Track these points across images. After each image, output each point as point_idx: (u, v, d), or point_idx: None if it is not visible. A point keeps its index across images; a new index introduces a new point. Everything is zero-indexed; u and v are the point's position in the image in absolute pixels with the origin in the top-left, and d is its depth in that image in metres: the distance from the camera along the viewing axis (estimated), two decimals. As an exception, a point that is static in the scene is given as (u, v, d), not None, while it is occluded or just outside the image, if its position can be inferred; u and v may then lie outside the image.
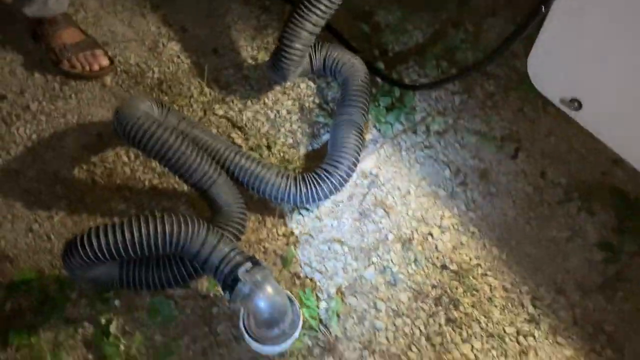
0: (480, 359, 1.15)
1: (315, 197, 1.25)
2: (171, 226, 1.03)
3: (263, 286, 1.03)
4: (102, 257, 1.00)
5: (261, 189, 1.25)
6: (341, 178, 1.25)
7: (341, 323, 1.17)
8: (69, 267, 1.04)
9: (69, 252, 1.01)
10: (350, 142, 1.28)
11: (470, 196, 1.33)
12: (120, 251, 1.00)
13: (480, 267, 1.24)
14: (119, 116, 1.14)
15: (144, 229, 1.01)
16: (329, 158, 1.28)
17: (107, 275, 1.12)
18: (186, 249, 1.05)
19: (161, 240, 1.02)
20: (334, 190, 1.26)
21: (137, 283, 1.13)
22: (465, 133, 1.41)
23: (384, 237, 1.27)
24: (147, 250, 1.03)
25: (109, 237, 1.00)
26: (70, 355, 1.13)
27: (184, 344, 1.14)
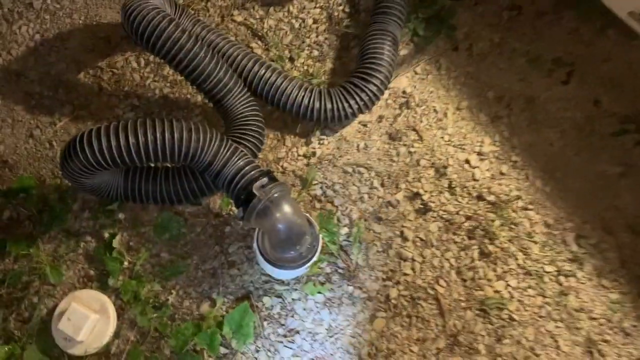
0: (516, 297, 1.04)
1: (342, 114, 1.12)
2: (181, 132, 0.92)
3: (280, 203, 0.93)
4: (103, 162, 0.90)
5: (282, 103, 1.12)
6: (372, 94, 1.12)
7: (363, 250, 1.07)
8: (67, 173, 0.94)
9: (68, 155, 0.91)
10: (384, 54, 1.14)
11: (514, 122, 1.19)
12: (124, 157, 0.90)
13: (520, 200, 1.12)
14: (127, 9, 1.01)
15: (150, 133, 0.90)
16: (358, 71, 1.14)
17: (111, 186, 1.02)
18: (197, 159, 0.94)
19: (169, 147, 0.91)
20: (363, 108, 1.13)
21: (143, 196, 1.04)
22: (513, 53, 1.25)
23: (415, 162, 1.14)
24: (154, 158, 0.92)
25: (112, 139, 0.89)
26: (71, 269, 1.06)
27: (193, 263, 1.05)
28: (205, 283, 1.04)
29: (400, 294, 1.04)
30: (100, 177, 0.98)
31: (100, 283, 1.04)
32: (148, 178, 1.03)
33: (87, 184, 0.99)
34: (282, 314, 1.02)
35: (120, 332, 1.01)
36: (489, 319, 1.03)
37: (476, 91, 1.22)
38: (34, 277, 1.04)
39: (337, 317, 1.02)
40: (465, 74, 1.23)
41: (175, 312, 1.02)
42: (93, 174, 0.94)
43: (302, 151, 1.15)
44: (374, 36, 1.16)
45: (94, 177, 0.97)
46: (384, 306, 1.03)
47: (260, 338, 1.00)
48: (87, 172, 0.92)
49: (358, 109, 1.12)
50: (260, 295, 1.03)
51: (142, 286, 1.02)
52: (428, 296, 1.04)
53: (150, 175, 1.03)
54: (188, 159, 0.94)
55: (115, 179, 1.02)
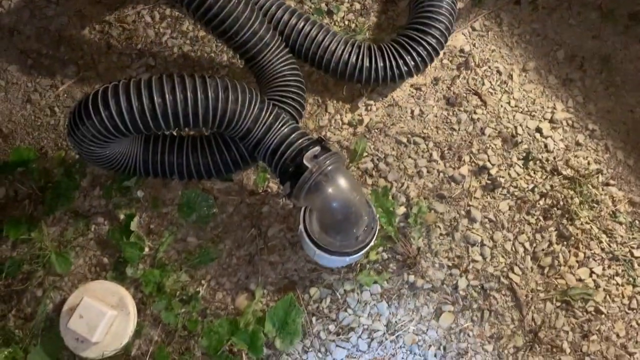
0: (602, 286, 0.90)
1: (395, 73, 0.96)
2: (216, 91, 0.75)
3: (335, 177, 0.77)
4: (122, 128, 0.73)
5: (324, 61, 0.95)
6: (431, 48, 0.96)
7: (425, 233, 0.91)
8: (77, 141, 0.77)
9: (78, 118, 0.74)
10: (442, 2, 0.97)
11: (589, 86, 1.04)
12: (147, 121, 0.73)
13: (601, 175, 0.97)
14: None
15: (179, 91, 0.73)
16: (414, 22, 0.98)
17: (128, 158, 0.85)
18: (235, 125, 0.78)
19: (203, 109, 0.75)
20: (421, 65, 0.96)
21: (167, 170, 0.87)
22: (583, 8, 1.09)
23: (479, 131, 0.99)
24: (184, 122, 0.75)
25: (133, 99, 0.72)
26: (81, 257, 0.90)
27: (226, 249, 0.89)
28: (240, 272, 0.88)
29: (470, 284, 0.89)
30: (115, 147, 0.82)
31: (117, 273, 0.88)
32: (172, 148, 0.86)
33: (100, 155, 0.82)
34: (333, 308, 0.87)
35: (142, 330, 0.85)
36: (573, 312, 0.89)
37: (544, 50, 1.06)
38: (36, 266, 0.88)
39: (398, 312, 0.87)
40: (530, 31, 1.07)
41: (207, 307, 0.86)
42: (108, 143, 0.78)
43: (347, 118, 0.99)
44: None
45: (108, 147, 0.80)
46: (451, 298, 0.88)
47: (309, 336, 0.85)
48: (101, 140, 0.76)
49: (415, 66, 0.96)
50: (307, 286, 0.88)
51: (166, 276, 0.86)
52: (501, 286, 0.89)
53: (175, 144, 0.86)
54: (224, 124, 0.77)
55: (133, 149, 0.85)
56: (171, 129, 0.76)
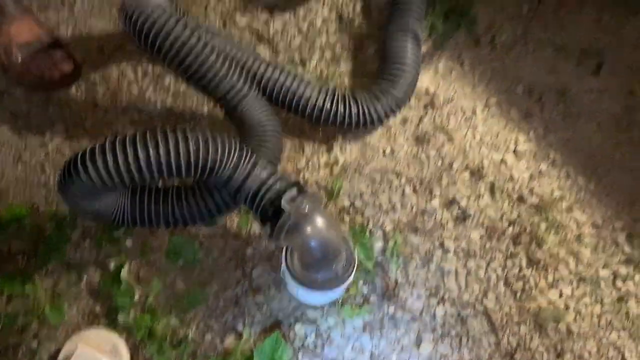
0: (572, 307, 0.95)
1: (367, 119, 1.02)
2: (197, 143, 0.81)
3: (313, 217, 0.82)
4: (109, 180, 0.78)
5: (300, 108, 1.02)
6: (400, 96, 1.03)
7: (402, 266, 0.96)
8: (67, 196, 0.82)
9: (68, 173, 0.79)
10: (408, 53, 1.05)
11: (548, 117, 1.11)
12: (133, 174, 0.78)
13: (564, 200, 1.03)
14: (128, 8, 0.90)
15: (162, 145, 0.78)
16: (383, 73, 1.05)
17: (116, 209, 0.90)
18: (216, 173, 0.83)
19: (185, 160, 0.80)
20: (392, 111, 1.03)
21: (153, 219, 0.92)
22: (538, 45, 1.17)
23: (448, 165, 1.05)
24: (167, 173, 0.80)
25: (119, 154, 0.77)
26: (74, 307, 0.93)
27: (213, 291, 0.94)
28: (228, 313, 0.92)
29: (447, 312, 0.94)
30: (104, 200, 0.87)
31: (109, 320, 0.91)
32: (158, 198, 0.91)
33: (89, 209, 0.87)
34: (318, 343, 0.91)
35: (136, 375, 0.89)
36: (546, 333, 0.93)
37: (504, 86, 1.14)
38: (31, 319, 0.91)
39: (380, 343, 0.91)
40: (490, 69, 1.15)
41: (197, 348, 0.90)
42: (97, 196, 0.82)
43: (324, 160, 1.05)
44: (394, 35, 1.08)
45: (97, 200, 0.85)
46: (430, 326, 0.93)
47: (296, 372, 0.89)
48: (91, 193, 0.81)
49: (385, 114, 1.03)
50: (292, 323, 0.92)
51: (157, 321, 0.90)
52: (477, 312, 0.94)
53: (160, 194, 0.91)
54: (205, 173, 0.83)
55: (121, 201, 0.90)
56: (156, 180, 0.81)
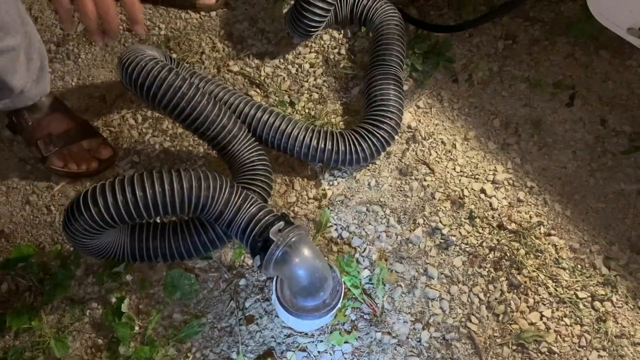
0: (552, 328, 0.99)
1: (354, 158, 1.09)
2: (190, 182, 0.87)
3: (299, 248, 0.88)
4: (109, 220, 0.85)
5: (289, 147, 1.09)
6: (387, 136, 1.10)
7: (388, 292, 1.01)
8: (71, 235, 0.89)
9: (71, 215, 0.86)
10: (391, 96, 1.12)
11: (524, 148, 1.17)
12: (131, 212, 0.85)
13: (542, 226, 1.08)
14: (124, 60, 0.98)
15: (157, 185, 0.85)
16: (369, 114, 1.12)
17: (116, 246, 0.97)
18: (208, 209, 0.90)
19: (179, 198, 0.86)
20: (378, 150, 1.10)
21: (152, 254, 0.98)
22: (513, 80, 1.25)
23: (430, 196, 1.11)
24: (163, 211, 0.87)
25: (117, 194, 0.84)
26: (77, 340, 0.98)
27: (208, 322, 0.99)
28: (223, 343, 0.97)
29: (432, 336, 0.98)
30: (104, 238, 0.93)
31: (111, 352, 0.96)
32: (155, 234, 0.97)
33: (91, 246, 0.93)
34: (309, 369, 0.95)
35: (135, 404, 0.93)
36: (528, 354, 0.97)
37: (482, 120, 1.20)
38: (37, 353, 0.96)
39: (368, 367, 0.95)
40: (468, 105, 1.22)
41: (194, 377, 0.95)
42: (98, 234, 0.89)
43: (312, 194, 1.11)
44: (378, 79, 1.15)
45: (99, 238, 0.91)
46: (417, 350, 0.97)
47: (288, 397, 0.93)
48: (93, 231, 0.87)
49: (371, 152, 1.09)
50: (284, 350, 0.96)
51: (155, 351, 0.95)
52: (461, 335, 0.98)
53: (158, 230, 0.97)
54: (198, 209, 0.89)
55: (121, 238, 0.96)
56: (152, 217, 0.88)
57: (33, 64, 1.01)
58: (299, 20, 1.20)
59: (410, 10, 1.33)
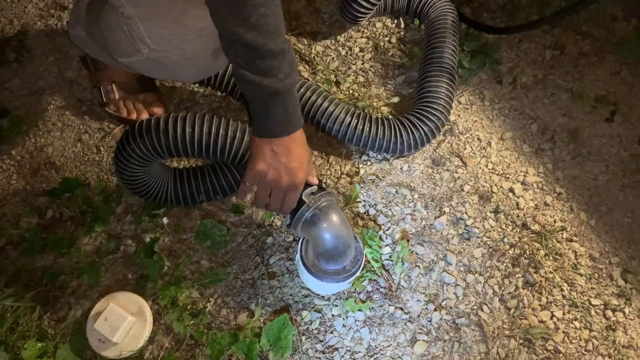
0: (561, 329, 1.01)
1: (394, 147, 1.13)
2: (234, 130, 0.94)
3: (328, 213, 0.92)
4: (159, 149, 0.91)
5: (328, 126, 1.13)
6: (429, 133, 1.13)
7: (406, 271, 1.05)
8: (122, 161, 0.95)
9: (125, 140, 0.93)
10: (442, 92, 1.15)
11: (558, 155, 1.19)
12: (178, 145, 0.91)
13: (565, 231, 1.10)
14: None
15: (206, 125, 0.92)
16: (418, 106, 1.15)
17: (160, 187, 1.03)
18: (246, 159, 0.95)
19: (222, 141, 0.92)
20: (417, 145, 1.13)
21: (193, 192, 1.05)
22: (556, 89, 1.27)
23: (459, 187, 1.14)
24: (205, 151, 0.93)
25: (169, 127, 0.91)
26: (109, 272, 1.05)
27: (233, 272, 1.04)
28: (244, 293, 1.02)
29: (443, 318, 1.01)
30: (150, 176, 1.00)
31: (138, 287, 1.02)
32: (196, 175, 1.04)
33: (137, 180, 0.99)
34: (321, 330, 0.99)
35: (156, 337, 0.99)
36: (534, 349, 1.00)
37: (520, 123, 1.23)
38: (72, 277, 1.03)
39: (377, 337, 0.99)
40: (509, 107, 1.25)
41: (213, 321, 1.00)
42: (147, 163, 0.95)
43: (345, 170, 1.16)
44: (431, 70, 1.18)
45: (146, 170, 0.98)
46: (426, 329, 1.00)
47: (298, 353, 0.97)
48: (142, 159, 0.93)
49: (410, 145, 1.12)
50: (300, 309, 1.01)
51: (180, 292, 1.01)
52: (471, 322, 1.01)
53: (198, 172, 1.05)
54: (237, 157, 0.95)
55: (164, 179, 1.03)
56: (196, 156, 0.94)
57: None
58: (348, 6, 1.24)
59: (464, 10, 1.36)
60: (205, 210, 1.09)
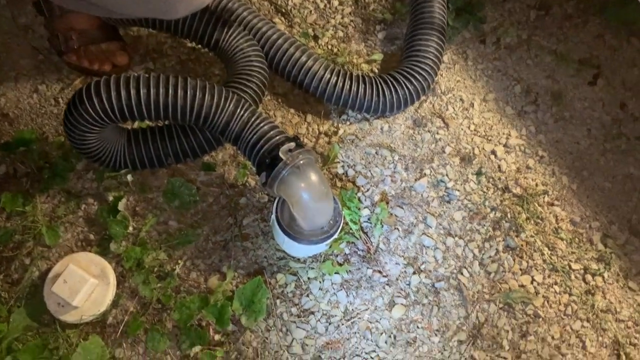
0: (541, 293, 0.99)
1: (376, 106, 1.07)
2: (194, 88, 0.87)
3: (306, 171, 0.87)
4: (111, 112, 0.84)
5: (306, 82, 1.07)
6: (414, 93, 1.08)
7: (384, 233, 1.01)
8: (71, 125, 0.87)
9: (73, 104, 0.85)
10: (431, 50, 1.09)
11: (540, 118, 1.16)
12: (132, 108, 0.84)
13: (547, 195, 1.08)
14: None
15: (162, 86, 0.85)
16: (406, 64, 1.10)
17: (114, 153, 0.95)
18: (212, 118, 0.88)
19: (181, 101, 0.86)
20: (401, 105, 1.08)
21: (155, 159, 0.97)
22: (540, 51, 1.23)
23: (441, 149, 1.10)
24: (163, 113, 0.86)
25: (122, 89, 0.83)
26: (69, 232, 0.97)
27: (203, 234, 0.98)
28: (215, 255, 0.97)
29: (422, 282, 0.98)
30: (103, 141, 0.92)
31: (101, 248, 0.96)
32: (163, 136, 0.96)
33: (88, 145, 0.91)
34: (297, 293, 0.95)
35: (119, 301, 0.92)
36: (514, 314, 0.98)
37: (503, 84, 1.19)
38: (27, 237, 0.96)
39: (355, 301, 0.95)
40: (492, 67, 1.21)
41: (181, 284, 0.94)
42: (98, 128, 0.87)
43: (323, 129, 1.10)
44: (419, 26, 1.12)
45: (98, 135, 0.90)
46: (404, 293, 0.97)
47: (272, 317, 0.93)
48: (93, 124, 0.86)
49: (392, 105, 1.07)
50: (274, 272, 0.96)
51: (146, 254, 0.94)
52: (450, 286, 0.99)
53: (156, 133, 0.97)
54: (201, 117, 0.88)
55: (119, 143, 0.95)
56: (153, 119, 0.87)
57: None
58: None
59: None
60: (172, 168, 1.02)
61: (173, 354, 0.91)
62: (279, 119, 1.10)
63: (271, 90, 1.12)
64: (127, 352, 0.90)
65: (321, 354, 0.92)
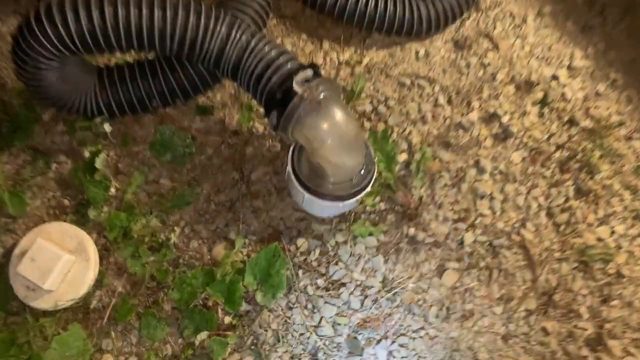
0: (624, 247, 0.81)
1: (415, 25, 0.86)
2: (175, 5, 0.66)
3: (329, 107, 0.67)
4: (69, 41, 0.64)
5: (328, 3, 0.85)
6: (461, 2, 0.88)
7: (428, 183, 0.81)
8: (22, 60, 0.67)
9: (21, 33, 0.65)
10: None
11: (610, 33, 0.94)
12: (96, 35, 0.64)
13: (623, 127, 0.88)
14: None
15: (133, 5, 0.64)
16: None
17: (82, 96, 0.75)
18: (201, 44, 0.68)
19: (159, 22, 0.65)
20: (446, 20, 0.88)
21: (137, 102, 0.77)
22: (605, -49, 1.00)
23: (490, 76, 0.89)
24: (137, 40, 0.66)
25: (80, 10, 0.63)
26: (38, 198, 0.79)
27: (203, 193, 0.79)
28: (219, 219, 0.78)
29: (477, 240, 0.79)
30: (66, 79, 0.72)
31: (78, 216, 0.77)
32: (145, 74, 0.76)
33: (48, 86, 0.71)
34: (323, 261, 0.77)
35: (104, 280, 0.75)
36: (592, 275, 0.79)
37: (562, -6, 0.97)
38: (-14, 206, 0.77)
39: (395, 267, 0.77)
40: (548, -27, 0.98)
41: (180, 256, 0.76)
42: (56, 63, 0.67)
43: (345, 57, 0.89)
44: None
45: (58, 73, 0.70)
46: (456, 255, 0.79)
47: (294, 291, 0.75)
48: (47, 57, 0.66)
49: (428, 24, 0.86)
50: (294, 236, 0.78)
51: (134, 220, 0.76)
52: (512, 243, 0.80)
53: (147, 70, 0.76)
54: (187, 43, 0.67)
55: (89, 83, 0.75)
56: (125, 48, 0.66)
57: None
58: None
59: None
60: (160, 113, 0.83)
61: (174, 342, 0.74)
62: (288, 48, 0.89)
63: (277, 12, 0.91)
64: (117, 343, 0.73)
65: (357, 335, 0.74)
